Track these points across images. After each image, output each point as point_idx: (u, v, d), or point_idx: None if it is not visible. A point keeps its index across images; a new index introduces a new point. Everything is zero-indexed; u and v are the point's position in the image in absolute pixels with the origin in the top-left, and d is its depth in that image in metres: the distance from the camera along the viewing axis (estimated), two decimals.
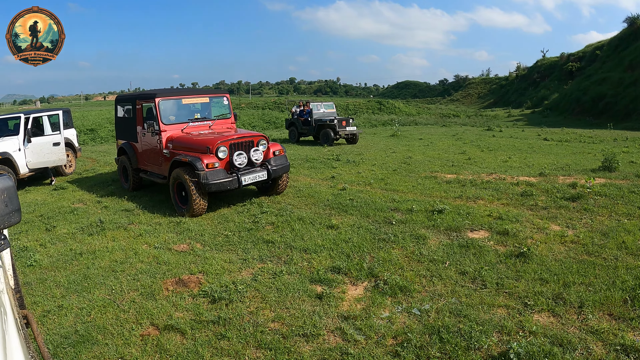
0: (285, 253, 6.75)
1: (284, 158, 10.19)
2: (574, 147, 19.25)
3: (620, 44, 50.97)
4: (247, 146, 9.60)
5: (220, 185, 8.77)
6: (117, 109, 12.59)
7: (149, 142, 10.74)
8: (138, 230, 8.08)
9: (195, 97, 11.24)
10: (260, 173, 9.44)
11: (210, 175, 8.71)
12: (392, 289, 5.35)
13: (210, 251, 6.97)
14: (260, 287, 5.62)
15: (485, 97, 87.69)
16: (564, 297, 5.05)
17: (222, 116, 11.36)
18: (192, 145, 9.46)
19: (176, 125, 10.35)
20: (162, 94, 10.44)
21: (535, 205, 8.80)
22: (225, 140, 9.26)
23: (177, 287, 5.78)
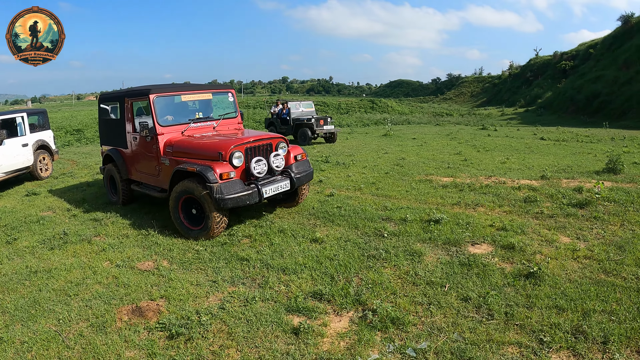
0: (261, 273, 5.94)
1: (306, 164, 8.75)
2: (572, 147, 18.64)
3: (615, 42, 50.71)
4: (266, 151, 8.08)
5: (237, 200, 7.14)
6: (101, 110, 10.77)
7: (142, 147, 9.03)
8: (102, 244, 7.29)
9: (196, 93, 9.51)
10: (283, 183, 7.91)
11: (226, 188, 7.06)
12: (383, 321, 4.54)
13: (176, 270, 6.16)
14: (228, 318, 4.80)
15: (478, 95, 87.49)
16: (584, 331, 4.30)
17: (227, 115, 9.63)
18: (199, 151, 7.79)
19: (175, 126, 8.64)
20: (158, 90, 8.66)
21: (540, 213, 8.04)
22: (240, 144, 7.65)
23: (132, 317, 4.99)
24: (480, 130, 30.13)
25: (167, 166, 8.22)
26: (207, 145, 7.83)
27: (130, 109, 9.35)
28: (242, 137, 8.14)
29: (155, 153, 8.53)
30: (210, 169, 7.15)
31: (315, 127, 21.53)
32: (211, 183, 7.00)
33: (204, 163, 7.37)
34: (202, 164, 7.34)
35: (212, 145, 7.75)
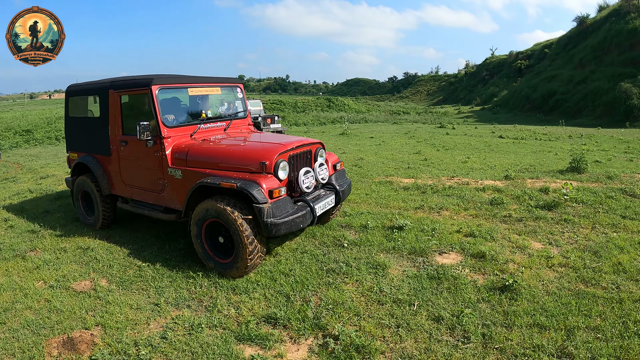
0: (209, 293, 5.32)
1: (344, 174, 7.42)
2: (532, 145, 18.60)
3: (570, 42, 51.72)
4: (307, 159, 6.67)
5: (291, 225, 5.60)
6: (70, 105, 8.79)
7: (135, 155, 7.17)
8: (37, 261, 6.55)
9: (204, 86, 7.66)
10: (329, 198, 6.45)
11: (278, 210, 5.52)
12: (346, 350, 4.01)
13: (115, 291, 5.49)
14: (170, 350, 4.21)
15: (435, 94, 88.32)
16: (570, 352, 3.93)
17: (237, 114, 8.13)
18: (230, 160, 6.07)
19: (183, 128, 6.99)
20: (162, 80, 6.87)
21: (508, 216, 7.67)
22: (284, 152, 6.08)
23: (63, 351, 4.35)
24: (438, 128, 30.10)
25: (179, 180, 6.47)
26: (241, 153, 6.22)
27: (117, 105, 7.42)
28: (282, 142, 6.44)
29: (158, 162, 6.75)
30: (256, 184, 5.53)
31: (262, 126, 21.36)
32: (260, 203, 5.40)
33: (241, 177, 5.73)
34: (242, 178, 5.68)
35: (249, 152, 6.17)
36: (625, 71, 36.26)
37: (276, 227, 5.39)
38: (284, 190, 5.71)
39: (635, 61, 36.87)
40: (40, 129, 31.62)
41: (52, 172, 14.57)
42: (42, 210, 9.53)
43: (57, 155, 19.94)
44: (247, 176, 5.68)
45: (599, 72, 39.65)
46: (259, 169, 5.75)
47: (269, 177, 5.68)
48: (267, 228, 5.37)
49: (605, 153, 15.73)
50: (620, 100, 33.36)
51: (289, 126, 36.00)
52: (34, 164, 17.15)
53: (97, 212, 8.04)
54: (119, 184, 7.64)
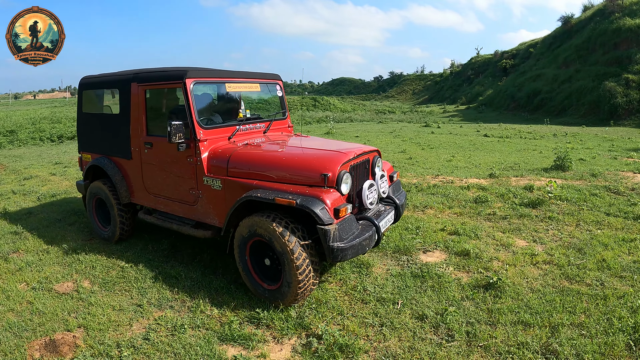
0: (191, 294, 5.25)
1: (400, 185, 6.52)
2: (516, 144, 18.70)
3: (555, 41, 51.99)
4: (365, 169, 5.67)
5: (358, 249, 4.70)
6: (84, 100, 7.80)
7: (162, 159, 6.22)
8: (20, 262, 6.43)
9: (243, 81, 6.73)
10: (389, 215, 5.58)
11: (344, 231, 4.60)
12: (330, 350, 3.97)
13: (98, 293, 5.41)
14: (153, 351, 4.14)
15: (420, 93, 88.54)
16: (555, 350, 3.91)
17: (276, 115, 7.26)
18: (283, 170, 5.12)
19: (221, 129, 6.04)
20: (197, 73, 5.91)
21: (493, 214, 7.68)
22: (346, 161, 5.10)
23: (45, 354, 4.26)
24: (424, 127, 30.11)
25: (218, 191, 5.52)
26: (298, 162, 5.21)
27: (141, 101, 6.46)
28: (342, 149, 5.47)
29: (191, 169, 5.82)
30: (319, 201, 4.57)
31: None
32: (325, 225, 4.45)
33: (299, 191, 4.77)
34: (298, 193, 4.73)
35: (307, 162, 5.16)
36: (610, 70, 36.51)
37: (343, 252, 4.50)
38: (350, 207, 4.82)
39: (619, 60, 37.13)
40: (25, 129, 31.28)
41: (36, 172, 14.41)
42: (25, 211, 9.40)
43: (41, 156, 19.75)
44: (305, 190, 4.74)
45: (583, 71, 39.88)
46: (320, 182, 4.84)
47: (332, 191, 4.74)
48: (333, 254, 4.47)
49: (590, 151, 15.85)
50: (605, 99, 33.59)
51: None
52: (18, 165, 16.94)
53: (113, 223, 7.08)
54: (141, 192, 6.72)
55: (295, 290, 4.63)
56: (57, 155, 19.30)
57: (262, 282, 5.05)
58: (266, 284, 5.01)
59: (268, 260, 4.98)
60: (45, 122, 35.13)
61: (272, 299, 4.89)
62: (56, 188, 11.31)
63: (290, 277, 4.59)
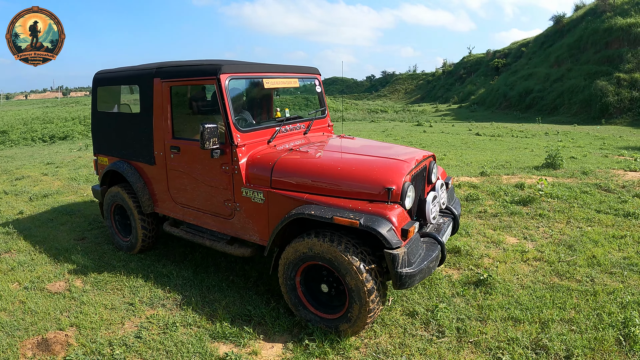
0: (183, 292, 5.25)
1: (454, 192, 5.95)
2: (508, 142, 18.74)
3: (546, 40, 52.05)
4: (423, 177, 5.09)
5: (426, 273, 4.10)
6: (99, 97, 7.08)
7: (191, 166, 5.48)
8: (12, 262, 6.42)
9: (282, 76, 5.91)
10: (450, 228, 5.06)
11: (412, 254, 3.98)
12: (321, 347, 3.99)
13: (90, 292, 5.40)
14: (145, 349, 4.15)
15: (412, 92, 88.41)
16: (545, 345, 3.93)
17: (316, 113, 6.59)
18: (339, 182, 4.42)
19: (259, 131, 5.28)
20: (233, 67, 5.14)
21: (484, 212, 7.70)
22: (409, 171, 4.49)
23: (37, 352, 4.26)
24: (416, 126, 30.08)
25: (260, 205, 4.80)
26: (355, 172, 4.46)
27: (166, 99, 5.66)
28: (401, 157, 4.81)
29: (227, 179, 5.08)
30: (385, 221, 3.93)
31: None
32: (393, 248, 3.81)
33: (360, 207, 4.10)
34: (357, 209, 4.08)
35: (366, 172, 4.43)
36: (601, 69, 36.65)
37: (411, 278, 3.88)
38: (417, 226, 4.17)
39: (610, 59, 37.27)
40: (16, 129, 31.14)
41: (28, 173, 14.35)
42: (17, 211, 9.37)
43: (32, 156, 19.67)
44: (368, 207, 4.07)
45: (575, 70, 39.99)
46: (383, 197, 4.18)
47: (396, 207, 4.09)
48: (401, 280, 3.84)
49: (581, 149, 15.90)
50: (596, 97, 33.72)
51: None
52: (9, 165, 16.86)
53: (135, 234, 6.45)
54: (167, 202, 6.04)
55: (364, 319, 4.02)
56: (48, 155, 19.23)
57: (318, 311, 4.41)
58: (323, 312, 4.39)
59: (326, 285, 4.34)
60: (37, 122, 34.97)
61: (333, 328, 4.24)
62: (48, 188, 11.27)
63: (361, 305, 3.97)
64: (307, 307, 4.44)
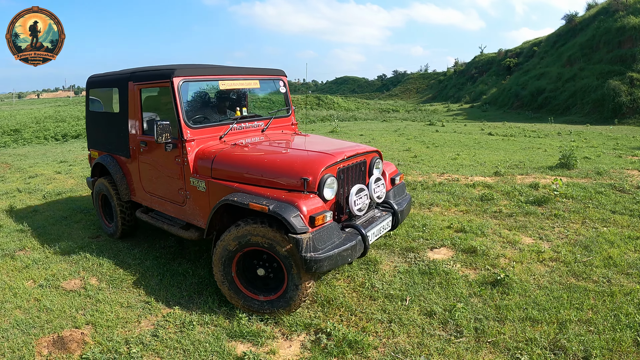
0: (199, 291, 5.26)
1: (404, 188, 6.17)
2: (521, 142, 18.64)
3: (558, 40, 51.83)
4: (360, 172, 5.40)
5: (337, 260, 4.36)
6: (90, 98, 7.86)
7: (155, 158, 6.17)
8: (26, 260, 6.44)
9: (239, 78, 6.40)
10: (384, 222, 5.25)
11: (321, 241, 4.29)
12: (339, 346, 3.98)
13: (106, 290, 5.42)
14: (162, 348, 4.15)
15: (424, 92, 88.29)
16: (563, 345, 3.90)
17: (279, 113, 6.99)
18: (265, 172, 4.90)
19: (211, 128, 5.83)
20: (186, 71, 5.69)
21: (499, 212, 7.67)
22: (332, 164, 4.84)
23: (53, 350, 4.26)
24: (428, 126, 29.97)
25: (203, 193, 5.37)
26: (278, 164, 4.97)
27: (137, 100, 6.33)
28: (331, 151, 5.17)
29: (179, 170, 5.69)
30: (293, 208, 4.30)
31: None
32: (298, 233, 4.17)
33: (275, 195, 4.53)
34: (272, 197, 4.49)
35: (287, 164, 4.93)
36: (614, 69, 36.46)
37: (317, 263, 4.17)
38: (329, 215, 4.48)
39: (623, 58, 37.07)
40: (29, 128, 31.34)
41: (41, 171, 14.43)
42: (31, 209, 9.42)
43: (45, 154, 19.76)
44: (283, 195, 4.47)
45: (587, 69, 39.80)
46: (299, 187, 4.57)
47: (312, 197, 4.48)
48: (306, 264, 4.16)
49: (594, 149, 15.81)
50: (609, 97, 33.53)
51: None
52: (23, 164, 16.97)
53: (115, 220, 7.13)
54: (140, 191, 6.68)
55: (299, 299, 4.46)
56: (61, 153, 19.32)
57: (253, 294, 4.75)
58: (257, 294, 4.73)
59: (262, 269, 4.68)
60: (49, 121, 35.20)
61: (270, 310, 4.62)
62: (62, 186, 11.33)
63: (295, 285, 4.40)
64: (244, 292, 4.77)
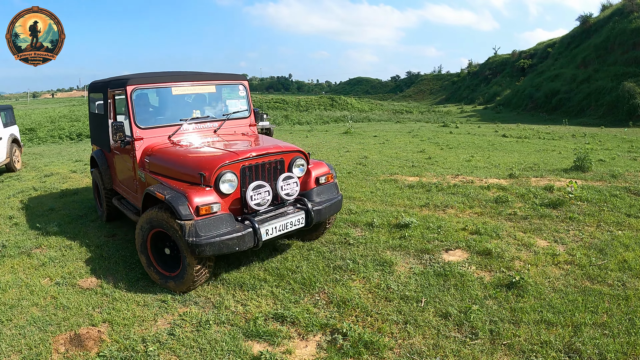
0: (216, 291, 5.30)
1: (332, 188, 6.43)
2: (535, 144, 18.56)
3: (573, 41, 51.57)
4: (274, 170, 5.87)
5: (221, 246, 4.93)
6: (90, 100, 9.03)
7: (122, 153, 7.08)
8: (43, 258, 6.53)
9: (193, 84, 7.15)
10: (294, 218, 5.61)
11: (204, 228, 4.91)
12: (355, 346, 4.00)
13: (122, 288, 5.47)
14: (178, 346, 4.19)
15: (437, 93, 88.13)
16: (578, 349, 3.89)
17: (235, 115, 7.42)
18: (177, 167, 5.70)
19: (160, 129, 6.59)
20: (138, 80, 6.57)
21: (513, 214, 7.66)
22: (235, 161, 5.44)
23: (70, 348, 4.31)
24: (442, 127, 29.92)
25: (144, 183, 6.23)
26: (187, 160, 5.75)
27: (112, 103, 7.33)
28: (243, 149, 5.80)
29: (132, 163, 6.57)
30: (184, 198, 4.99)
31: None
32: (182, 220, 4.88)
33: (180, 187, 5.24)
34: (177, 189, 5.20)
35: (192, 161, 5.67)
36: (629, 70, 36.21)
37: (199, 247, 4.80)
38: (217, 206, 5.08)
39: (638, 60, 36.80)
40: (44, 127, 31.66)
41: (56, 170, 14.57)
42: (47, 207, 9.52)
43: (60, 153, 19.93)
44: (183, 187, 5.22)
45: (602, 71, 39.56)
46: (199, 180, 5.23)
47: (206, 190, 5.14)
48: (190, 247, 4.82)
49: (609, 152, 15.72)
50: (624, 99, 33.32)
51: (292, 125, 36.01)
52: (38, 162, 17.13)
53: (103, 205, 8.22)
54: (115, 181, 7.85)
55: (190, 277, 5.11)
56: (76, 153, 19.49)
57: (163, 269, 5.49)
58: (166, 270, 5.45)
59: (168, 249, 5.47)
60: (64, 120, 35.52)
61: (173, 285, 5.31)
62: (77, 185, 11.44)
63: (187, 263, 5.05)
64: (155, 267, 5.54)
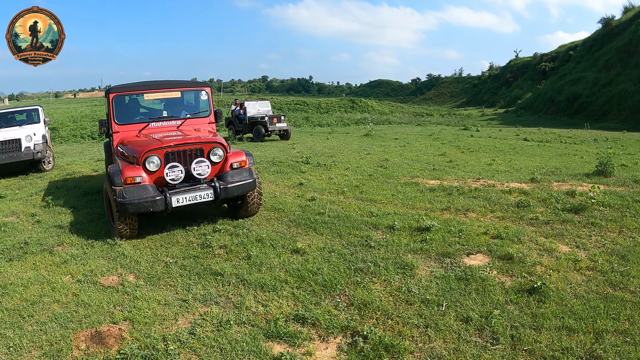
0: (237, 291, 5.33)
1: (246, 173, 7.84)
2: (557, 148, 18.43)
3: (595, 44, 51.05)
4: (192, 155, 7.51)
5: (139, 206, 6.88)
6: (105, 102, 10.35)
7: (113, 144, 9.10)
8: (64, 255, 6.63)
9: (160, 91, 9.26)
10: (203, 192, 7.31)
11: (128, 193, 6.90)
12: (375, 349, 4.00)
13: (143, 287, 5.53)
14: (199, 346, 4.22)
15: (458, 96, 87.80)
16: (599, 356, 3.85)
17: (196, 114, 9.22)
18: (128, 152, 7.80)
19: (132, 125, 8.73)
20: (118, 89, 8.93)
21: (535, 219, 7.59)
22: (159, 148, 7.29)
23: (90, 345, 4.37)
24: (462, 130, 29.82)
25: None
26: (131, 146, 7.83)
27: (110, 106, 8.90)
28: (169, 139, 7.61)
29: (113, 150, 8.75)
30: (119, 172, 7.21)
31: (269, 125, 22.80)
32: (115, 186, 7.05)
33: (123, 165, 7.48)
34: (120, 166, 7.49)
35: (133, 147, 7.74)
36: None
37: (123, 205, 6.82)
38: (139, 178, 7.08)
39: None
40: (66, 127, 32.11)
41: (78, 169, 14.75)
42: (69, 206, 9.65)
43: (82, 152, 20.18)
44: (124, 165, 7.41)
45: (624, 74, 39.14)
46: (133, 161, 7.43)
47: (135, 167, 7.22)
48: (117, 205, 6.89)
49: (632, 157, 15.57)
50: None
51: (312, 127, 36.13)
52: (60, 161, 17.34)
53: None
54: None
55: (117, 228, 7.21)
56: (98, 152, 19.69)
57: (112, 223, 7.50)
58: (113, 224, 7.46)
59: None
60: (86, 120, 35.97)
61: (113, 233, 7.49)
62: (99, 184, 11.53)
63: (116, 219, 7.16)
64: (110, 220, 7.78)
